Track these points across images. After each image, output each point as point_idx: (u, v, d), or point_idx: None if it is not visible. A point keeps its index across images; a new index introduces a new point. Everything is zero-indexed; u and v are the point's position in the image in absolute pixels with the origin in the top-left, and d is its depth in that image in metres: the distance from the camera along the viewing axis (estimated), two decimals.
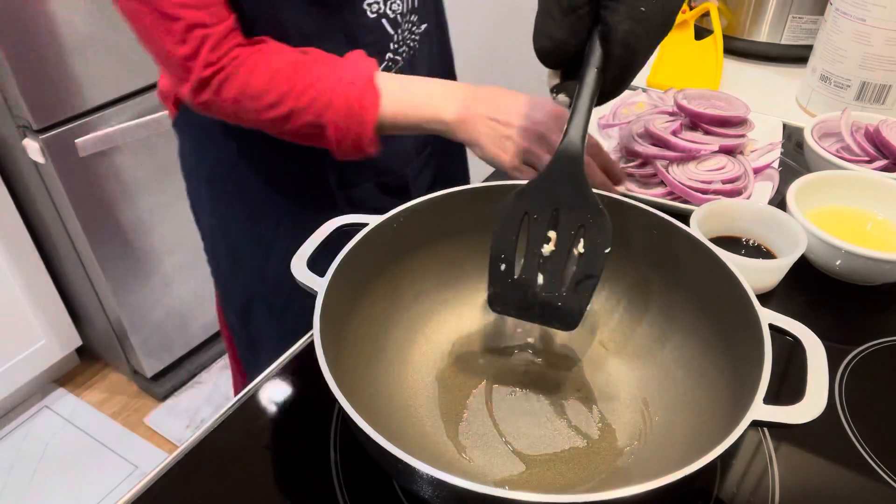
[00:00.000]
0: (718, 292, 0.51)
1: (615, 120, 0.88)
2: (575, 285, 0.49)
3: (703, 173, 0.75)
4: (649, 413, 0.52)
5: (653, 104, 0.87)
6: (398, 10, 0.76)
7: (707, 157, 0.76)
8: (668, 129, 0.78)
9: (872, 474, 0.51)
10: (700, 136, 0.79)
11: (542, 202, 0.50)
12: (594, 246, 0.49)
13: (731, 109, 0.80)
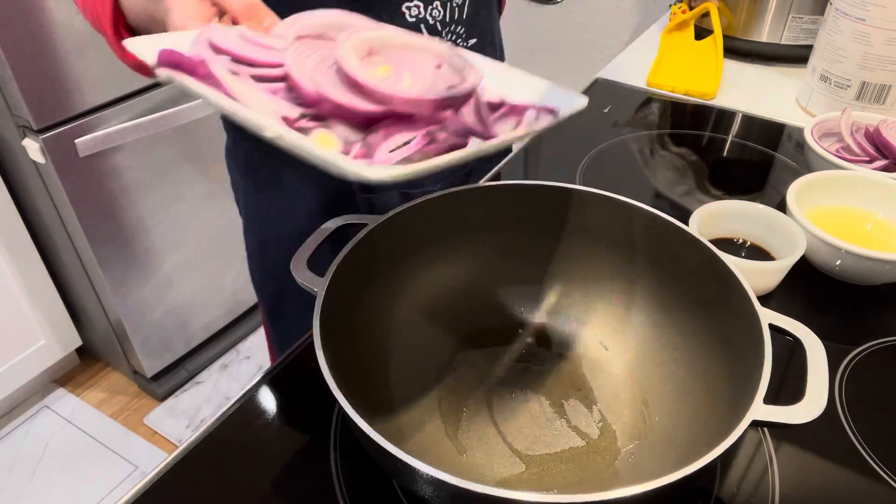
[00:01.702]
0: (719, 292, 0.51)
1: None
2: None
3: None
4: (649, 413, 0.52)
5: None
6: (438, 17, 0.73)
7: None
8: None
9: (872, 474, 0.51)
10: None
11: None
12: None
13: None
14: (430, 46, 0.46)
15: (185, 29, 0.48)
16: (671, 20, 1.15)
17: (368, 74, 0.41)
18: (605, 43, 1.43)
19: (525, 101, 0.45)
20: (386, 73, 0.43)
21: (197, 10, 0.49)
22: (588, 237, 0.60)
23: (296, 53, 0.42)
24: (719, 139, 0.94)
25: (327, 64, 0.42)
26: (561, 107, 0.46)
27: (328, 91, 0.40)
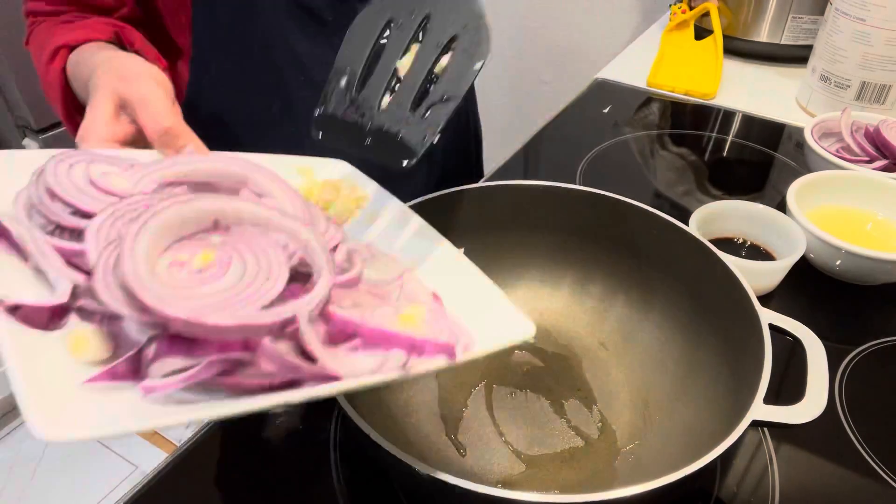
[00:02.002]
0: (718, 292, 0.51)
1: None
2: (426, 109, 0.38)
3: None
4: (649, 413, 0.52)
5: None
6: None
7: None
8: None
9: (872, 474, 0.51)
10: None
11: (413, 4, 0.40)
12: (465, 58, 0.38)
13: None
14: (294, 230, 0.35)
15: (82, 145, 0.43)
16: (671, 20, 1.15)
17: (150, 276, 0.30)
18: (605, 43, 1.43)
19: (404, 332, 0.33)
20: (204, 262, 0.33)
21: (106, 128, 0.44)
22: (588, 237, 0.60)
23: (114, 214, 0.34)
24: (719, 139, 0.94)
25: (129, 239, 0.33)
26: (485, 338, 0.36)
27: (97, 281, 0.31)
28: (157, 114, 0.44)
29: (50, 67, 0.58)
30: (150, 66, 0.49)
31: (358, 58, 0.40)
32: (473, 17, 0.38)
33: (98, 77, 0.48)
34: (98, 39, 0.58)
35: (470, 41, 0.38)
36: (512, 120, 1.66)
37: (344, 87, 0.41)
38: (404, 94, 0.39)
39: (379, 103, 0.40)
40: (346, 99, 0.41)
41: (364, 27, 0.41)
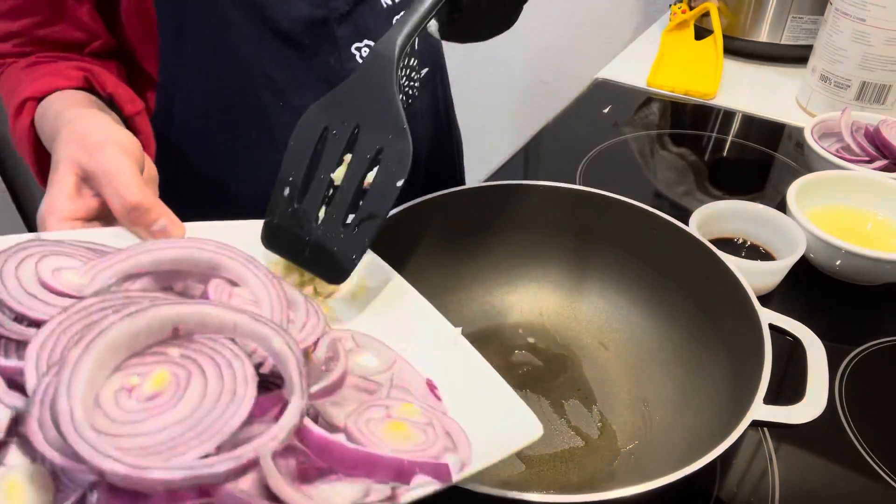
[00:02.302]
0: (718, 292, 0.51)
1: None
2: (356, 225, 0.40)
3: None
4: (649, 413, 0.52)
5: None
6: None
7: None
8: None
9: (872, 474, 0.51)
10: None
11: (345, 114, 0.41)
12: (387, 176, 0.40)
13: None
14: (265, 336, 0.32)
15: (44, 225, 0.40)
16: (671, 20, 1.15)
17: (89, 416, 0.27)
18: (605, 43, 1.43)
19: (391, 454, 0.30)
20: (158, 385, 0.29)
21: (69, 205, 0.41)
22: (588, 237, 0.60)
23: (61, 326, 0.31)
24: (719, 139, 0.94)
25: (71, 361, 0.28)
26: (486, 443, 0.33)
27: (32, 419, 0.27)
28: (123, 188, 0.40)
29: (17, 122, 0.55)
30: (117, 129, 0.45)
31: (299, 167, 0.42)
32: (397, 128, 0.40)
33: (59, 147, 0.44)
34: (67, 87, 0.54)
35: (393, 156, 0.40)
36: (512, 120, 1.66)
37: (287, 198, 0.42)
38: (337, 208, 0.41)
39: (317, 216, 0.41)
40: (288, 210, 0.42)
41: (303, 135, 0.42)
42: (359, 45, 0.65)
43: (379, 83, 0.41)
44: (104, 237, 0.39)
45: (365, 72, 0.41)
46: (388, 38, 0.41)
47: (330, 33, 0.64)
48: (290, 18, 0.61)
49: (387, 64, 0.41)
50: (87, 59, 0.61)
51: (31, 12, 0.58)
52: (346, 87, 0.42)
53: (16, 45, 0.59)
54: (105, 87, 0.56)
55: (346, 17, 0.63)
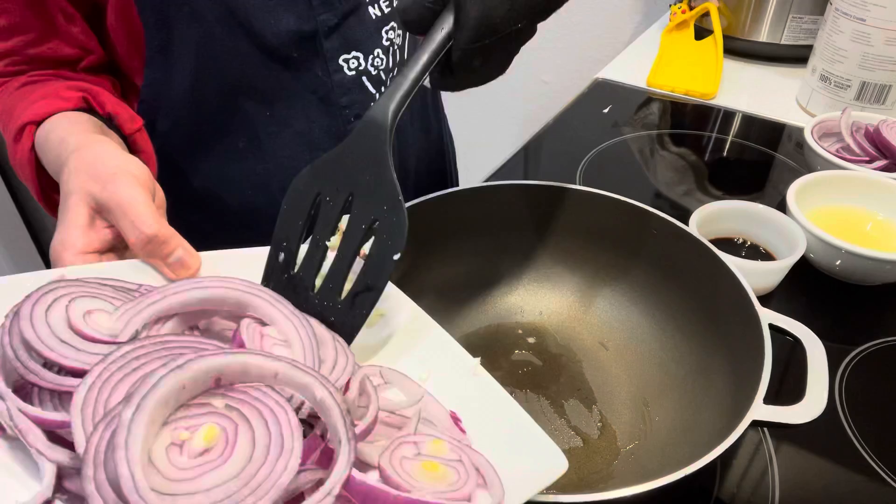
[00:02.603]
0: (718, 292, 0.51)
1: None
2: (353, 298, 0.40)
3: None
4: (649, 413, 0.52)
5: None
6: (381, 65, 0.67)
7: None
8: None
9: (872, 474, 0.51)
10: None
11: (338, 182, 0.41)
12: (383, 248, 0.39)
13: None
14: (306, 385, 0.32)
15: (59, 260, 0.39)
16: (671, 20, 1.15)
17: (147, 476, 0.27)
18: (605, 43, 1.43)
19: (430, 499, 0.31)
20: (208, 440, 0.30)
21: (83, 239, 0.40)
22: (588, 237, 0.60)
23: (101, 378, 0.31)
24: (719, 139, 0.94)
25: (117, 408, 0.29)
26: (513, 478, 0.33)
27: (87, 480, 0.27)
28: (139, 220, 0.39)
29: (18, 147, 0.54)
30: (127, 158, 0.44)
31: (293, 234, 0.41)
32: (392, 200, 0.39)
33: (69, 177, 0.43)
34: (66, 109, 0.53)
35: (388, 229, 0.39)
36: (512, 120, 1.66)
37: (283, 265, 0.42)
38: (335, 280, 0.40)
39: (313, 282, 0.41)
40: (284, 277, 0.42)
41: (296, 200, 0.41)
42: (346, 57, 0.65)
43: (372, 153, 0.40)
44: (122, 271, 0.39)
45: (357, 140, 0.40)
46: (381, 107, 0.40)
47: (317, 46, 0.63)
48: (277, 33, 0.60)
49: (381, 133, 0.40)
50: (81, 75, 0.61)
51: (22, 31, 0.57)
52: (338, 154, 0.41)
53: (8, 64, 0.59)
54: (104, 107, 0.56)
55: (334, 30, 0.63)
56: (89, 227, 0.41)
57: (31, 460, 0.29)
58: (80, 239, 0.40)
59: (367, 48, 0.66)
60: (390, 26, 0.68)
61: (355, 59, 0.65)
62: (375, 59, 0.66)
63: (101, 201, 0.41)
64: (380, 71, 0.68)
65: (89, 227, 0.41)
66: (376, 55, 0.67)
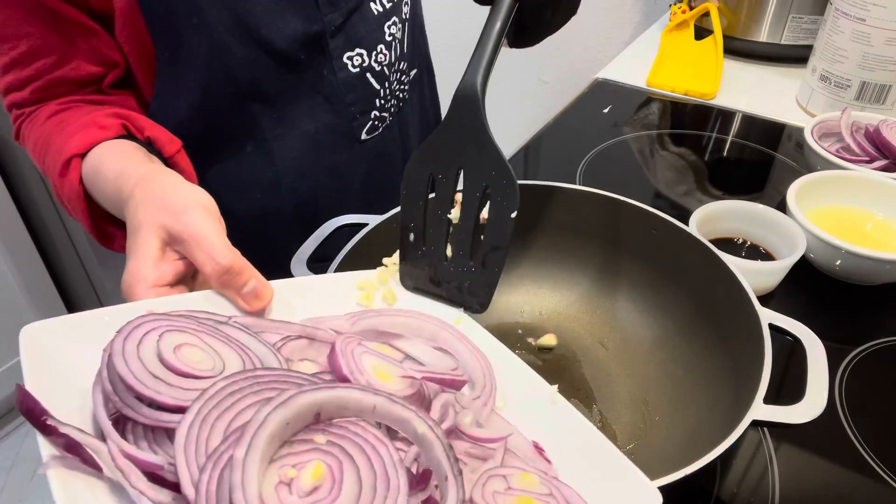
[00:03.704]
0: (718, 292, 0.51)
1: None
2: (483, 258, 0.43)
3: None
4: (649, 413, 0.52)
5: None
6: (384, 61, 0.68)
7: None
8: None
9: (872, 474, 0.51)
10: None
11: (446, 159, 0.43)
12: (500, 210, 0.42)
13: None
14: (405, 420, 0.32)
15: (131, 294, 0.39)
16: (671, 20, 1.15)
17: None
18: (605, 43, 1.43)
19: None
20: (316, 478, 0.30)
21: (154, 272, 0.40)
22: (588, 237, 0.60)
23: (199, 415, 0.31)
24: (719, 139, 0.94)
25: (228, 452, 0.29)
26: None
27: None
28: (214, 251, 0.39)
29: (65, 181, 0.53)
30: (196, 189, 0.44)
31: (417, 214, 0.45)
32: (498, 165, 0.42)
33: (137, 209, 0.43)
34: (107, 138, 0.53)
35: (501, 191, 0.42)
36: (512, 120, 1.66)
37: (413, 242, 0.45)
38: (463, 246, 0.44)
39: (444, 253, 0.45)
40: (418, 253, 0.45)
41: (414, 183, 0.44)
42: (350, 54, 0.65)
43: (471, 125, 0.42)
44: (196, 303, 0.39)
45: (454, 117, 0.43)
46: (469, 80, 0.42)
47: (323, 46, 0.63)
48: (285, 37, 0.60)
49: (474, 106, 0.42)
50: (106, 97, 0.60)
51: (44, 54, 0.57)
52: (439, 135, 0.43)
53: (32, 91, 0.58)
54: (142, 131, 0.55)
55: (340, 29, 0.63)
56: (161, 259, 0.41)
57: (129, 501, 0.29)
58: (152, 272, 0.40)
59: (369, 44, 0.66)
60: (392, 21, 0.68)
61: (359, 56, 0.66)
62: (378, 55, 0.67)
63: (173, 233, 0.41)
64: (383, 66, 0.68)
65: (161, 259, 0.41)
66: (379, 51, 0.67)
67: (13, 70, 0.57)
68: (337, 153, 0.70)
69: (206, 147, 0.64)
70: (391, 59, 0.69)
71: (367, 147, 0.72)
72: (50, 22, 0.55)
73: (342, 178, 0.72)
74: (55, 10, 0.55)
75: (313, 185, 0.71)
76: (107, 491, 0.29)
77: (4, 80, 0.58)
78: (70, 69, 0.58)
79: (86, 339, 0.34)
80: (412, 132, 0.79)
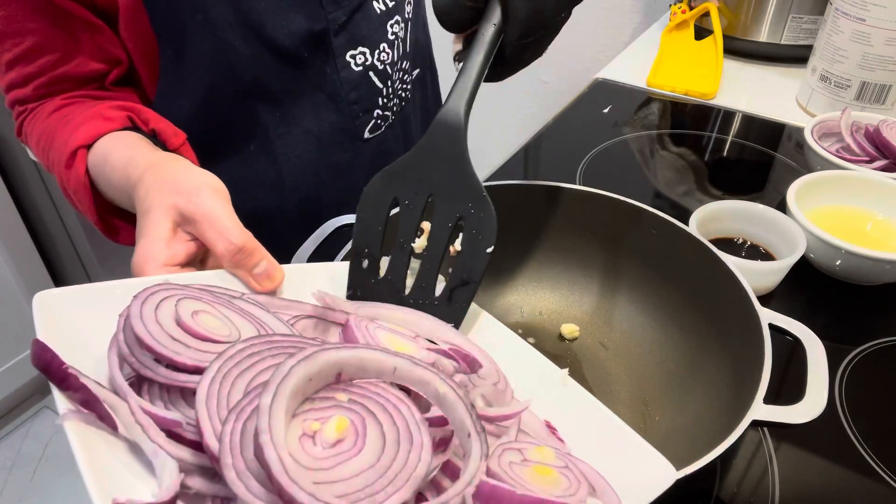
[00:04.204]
0: (718, 292, 0.51)
1: None
2: (449, 293, 0.40)
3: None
4: (649, 413, 0.52)
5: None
6: (387, 59, 0.68)
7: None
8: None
9: (872, 474, 0.51)
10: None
11: (415, 185, 0.41)
12: (474, 244, 0.40)
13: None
14: (426, 380, 0.32)
15: (142, 272, 0.39)
16: (671, 20, 1.15)
17: (295, 464, 0.26)
18: (605, 43, 1.43)
19: (553, 498, 0.30)
20: (339, 431, 0.30)
21: (166, 252, 0.40)
22: (588, 237, 0.60)
23: (220, 372, 0.31)
24: (719, 139, 0.94)
25: (251, 405, 0.29)
26: (622, 485, 0.32)
27: (227, 469, 0.27)
28: (227, 231, 0.40)
29: (71, 173, 0.53)
30: (205, 173, 0.44)
31: (374, 239, 0.42)
32: (476, 197, 0.40)
33: (147, 193, 0.43)
34: (113, 129, 0.53)
35: (477, 224, 0.40)
36: (512, 120, 1.66)
37: (367, 271, 0.42)
38: (427, 278, 0.41)
39: (403, 284, 0.42)
40: (370, 282, 0.42)
41: (373, 206, 0.41)
42: (353, 53, 0.65)
43: (451, 153, 0.41)
44: (210, 280, 0.39)
45: (432, 142, 0.41)
46: (453, 107, 0.41)
47: (327, 44, 0.64)
48: (289, 34, 0.61)
49: (456, 133, 0.41)
50: (109, 93, 0.60)
51: (48, 50, 0.57)
52: (412, 158, 0.42)
53: (36, 87, 0.58)
54: (147, 124, 0.55)
55: (343, 27, 0.64)
56: (172, 239, 0.41)
57: (145, 461, 0.29)
58: (162, 252, 0.40)
59: (372, 43, 0.66)
60: (394, 20, 0.68)
61: (362, 55, 0.66)
62: (381, 54, 0.67)
63: (186, 213, 0.41)
64: (385, 65, 0.68)
65: (172, 239, 0.41)
66: (382, 49, 0.67)
67: (17, 66, 0.58)
68: (340, 152, 0.70)
69: (209, 145, 0.65)
70: (394, 57, 0.69)
71: (369, 146, 0.72)
72: (54, 18, 0.55)
73: (345, 176, 0.72)
74: (60, 6, 0.55)
75: (316, 184, 0.71)
76: (124, 449, 0.29)
77: (8, 77, 0.59)
78: (74, 66, 0.58)
79: (98, 308, 0.34)
80: (414, 131, 0.79)
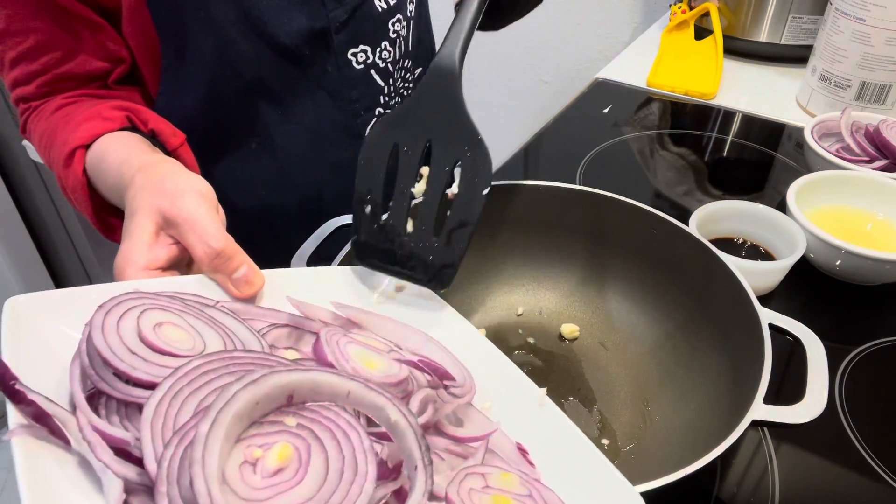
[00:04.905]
0: (718, 292, 0.51)
1: None
2: (448, 234, 0.42)
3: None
4: (649, 413, 0.52)
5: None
6: (389, 58, 0.68)
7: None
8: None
9: (872, 474, 0.51)
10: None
11: (414, 131, 0.42)
12: (470, 186, 0.41)
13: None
14: (379, 406, 0.32)
15: (122, 275, 0.39)
16: (671, 20, 1.15)
17: (224, 494, 0.26)
18: (605, 43, 1.43)
19: None
20: (281, 459, 0.29)
21: (147, 254, 0.40)
22: (588, 237, 0.60)
23: (170, 392, 0.30)
24: (719, 139, 0.94)
25: (195, 428, 0.28)
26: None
27: (160, 496, 0.26)
28: (206, 234, 0.40)
29: (69, 172, 0.54)
30: (193, 176, 0.44)
31: (376, 185, 0.43)
32: (472, 140, 0.41)
33: (136, 194, 0.43)
34: (111, 130, 0.54)
35: (473, 168, 0.41)
36: (512, 120, 1.66)
37: (370, 215, 0.43)
38: (426, 220, 0.42)
39: (404, 227, 0.43)
40: (374, 227, 0.43)
41: (374, 153, 0.43)
42: (354, 51, 0.65)
43: (446, 98, 0.42)
44: (188, 285, 0.39)
45: (428, 88, 0.42)
46: (447, 53, 0.42)
47: (328, 42, 0.64)
48: (290, 33, 0.61)
49: (451, 79, 0.42)
50: (112, 91, 0.60)
51: (51, 49, 0.57)
52: (409, 105, 0.42)
53: (39, 85, 0.58)
54: (146, 124, 0.56)
55: (344, 25, 0.64)
56: (154, 243, 0.41)
57: (95, 476, 0.29)
58: (143, 255, 0.40)
59: (374, 41, 0.66)
60: (396, 18, 0.68)
61: (363, 53, 0.66)
62: (383, 52, 0.67)
63: (168, 216, 0.41)
64: (387, 63, 0.68)
65: (154, 243, 0.41)
66: (383, 48, 0.67)
67: (20, 64, 0.58)
68: (341, 149, 0.70)
69: (212, 143, 0.65)
70: (395, 56, 0.69)
71: None
72: (57, 17, 0.56)
73: (346, 174, 0.72)
74: (63, 5, 0.55)
75: (318, 182, 0.71)
76: (74, 465, 0.29)
77: (12, 75, 0.59)
78: (76, 64, 0.58)
79: (70, 315, 0.34)
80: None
